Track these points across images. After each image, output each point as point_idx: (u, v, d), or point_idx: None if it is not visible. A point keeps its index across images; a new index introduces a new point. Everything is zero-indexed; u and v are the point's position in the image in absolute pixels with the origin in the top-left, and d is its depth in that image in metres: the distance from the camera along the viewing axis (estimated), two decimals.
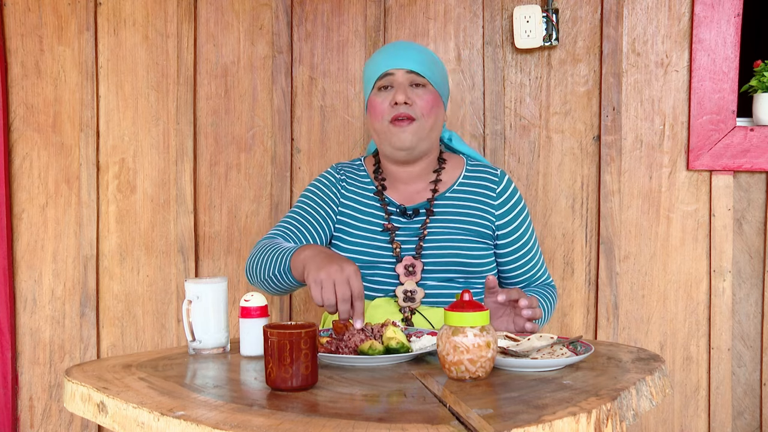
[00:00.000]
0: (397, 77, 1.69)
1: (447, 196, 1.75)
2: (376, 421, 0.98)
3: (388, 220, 1.73)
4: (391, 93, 1.69)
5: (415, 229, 1.72)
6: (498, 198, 1.75)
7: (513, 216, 1.76)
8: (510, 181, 1.78)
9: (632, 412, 1.10)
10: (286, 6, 2.35)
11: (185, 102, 2.39)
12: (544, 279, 1.85)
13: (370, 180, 1.81)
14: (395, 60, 1.70)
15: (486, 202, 1.75)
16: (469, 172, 1.79)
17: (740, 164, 2.20)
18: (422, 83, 1.70)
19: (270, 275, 1.60)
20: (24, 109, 2.44)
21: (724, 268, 2.22)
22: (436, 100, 1.71)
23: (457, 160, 1.83)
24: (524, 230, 1.78)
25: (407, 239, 1.71)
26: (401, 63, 1.69)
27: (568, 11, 2.26)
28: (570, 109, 2.28)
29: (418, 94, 1.69)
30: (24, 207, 2.45)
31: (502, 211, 1.75)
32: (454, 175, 1.79)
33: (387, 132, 1.70)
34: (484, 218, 1.74)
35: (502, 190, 1.76)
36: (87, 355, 2.43)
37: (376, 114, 1.72)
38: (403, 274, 1.68)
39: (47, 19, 2.43)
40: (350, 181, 1.82)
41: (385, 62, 1.71)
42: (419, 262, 1.68)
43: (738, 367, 2.25)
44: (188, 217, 2.40)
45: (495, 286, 1.52)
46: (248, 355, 1.41)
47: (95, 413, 1.18)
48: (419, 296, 1.67)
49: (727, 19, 2.19)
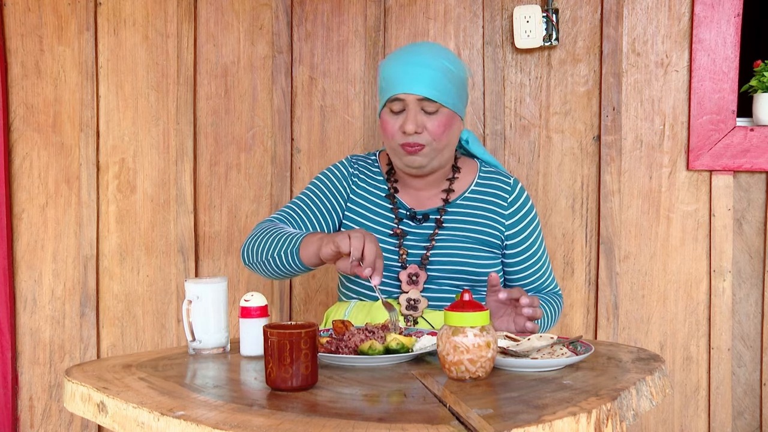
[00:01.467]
0: (408, 103, 1.64)
1: (458, 204, 1.75)
2: (376, 421, 0.98)
3: (398, 224, 1.73)
4: (402, 117, 1.65)
5: (424, 236, 1.71)
6: (509, 207, 1.75)
7: (523, 226, 1.76)
8: (522, 190, 1.77)
9: (632, 412, 1.10)
10: (286, 6, 2.35)
11: (185, 102, 2.39)
12: (552, 288, 1.85)
13: (383, 179, 1.80)
14: (408, 83, 1.64)
15: (497, 212, 1.74)
16: (482, 179, 1.78)
17: (740, 164, 2.20)
18: (434, 110, 1.64)
19: (271, 256, 1.61)
20: (24, 109, 2.44)
21: (724, 268, 2.22)
22: (449, 121, 1.67)
23: (471, 166, 1.81)
24: (534, 240, 1.77)
25: (415, 245, 1.71)
26: (413, 87, 1.63)
27: (568, 11, 2.26)
28: (570, 109, 2.28)
29: (430, 119, 1.65)
30: (24, 207, 2.45)
31: (512, 221, 1.74)
32: (466, 181, 1.78)
33: (398, 152, 1.69)
34: (494, 227, 1.73)
35: (514, 200, 1.75)
36: (87, 355, 2.43)
37: (386, 133, 1.69)
38: (405, 282, 1.68)
39: (47, 19, 2.43)
40: (363, 177, 1.81)
41: (398, 83, 1.65)
42: (423, 273, 1.68)
43: (738, 367, 2.25)
44: (188, 217, 2.40)
45: (497, 284, 1.51)
46: (248, 355, 1.41)
47: (95, 413, 1.18)
48: (422, 306, 1.67)
49: (727, 19, 2.19)
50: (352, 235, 1.44)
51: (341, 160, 1.84)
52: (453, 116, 1.68)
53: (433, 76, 1.64)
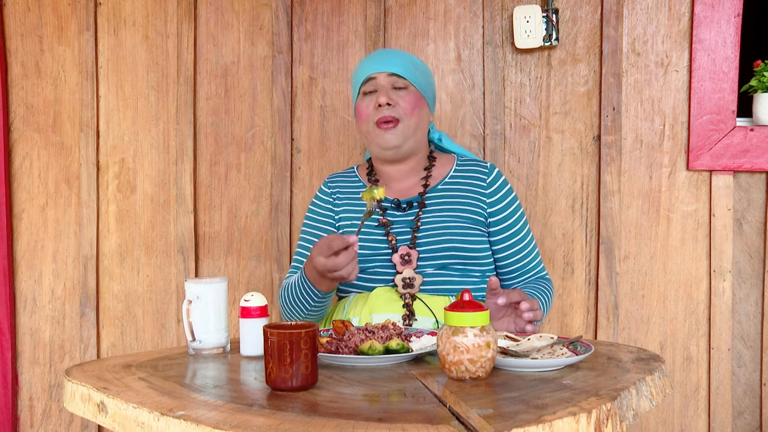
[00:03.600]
0: (379, 80, 1.78)
1: (439, 189, 1.81)
2: (376, 421, 0.98)
3: (383, 215, 1.78)
4: (375, 97, 1.78)
5: (410, 221, 1.77)
6: (489, 187, 1.80)
7: (504, 205, 1.80)
8: (500, 173, 1.84)
9: (632, 412, 1.10)
10: (286, 6, 2.35)
11: (185, 102, 2.39)
12: (539, 270, 1.87)
13: (363, 184, 1.88)
14: (377, 65, 1.80)
15: (477, 191, 1.80)
16: (460, 166, 1.86)
17: (740, 164, 2.20)
18: (404, 85, 1.78)
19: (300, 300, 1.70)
20: (24, 109, 2.44)
21: (724, 268, 2.22)
22: (418, 100, 1.79)
23: (448, 158, 1.90)
24: (516, 219, 1.82)
25: (402, 230, 1.76)
26: (382, 67, 1.79)
27: (568, 11, 2.26)
28: (570, 109, 2.28)
29: (401, 95, 1.77)
30: (24, 207, 2.45)
31: (493, 200, 1.80)
32: (444, 170, 1.85)
33: (373, 134, 1.78)
34: (477, 206, 1.78)
35: (493, 181, 1.81)
36: (87, 355, 2.43)
37: (362, 117, 1.81)
38: (399, 263, 1.72)
39: (47, 19, 2.43)
40: (343, 190, 1.88)
41: (368, 68, 1.81)
42: (414, 251, 1.72)
43: (738, 367, 2.25)
44: (188, 217, 2.40)
45: (497, 288, 1.52)
46: (248, 355, 1.41)
47: (95, 413, 1.18)
48: (418, 282, 1.70)
49: (727, 19, 2.19)
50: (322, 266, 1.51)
51: (320, 187, 1.94)
52: (421, 98, 1.81)
53: (401, 61, 1.81)
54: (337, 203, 1.87)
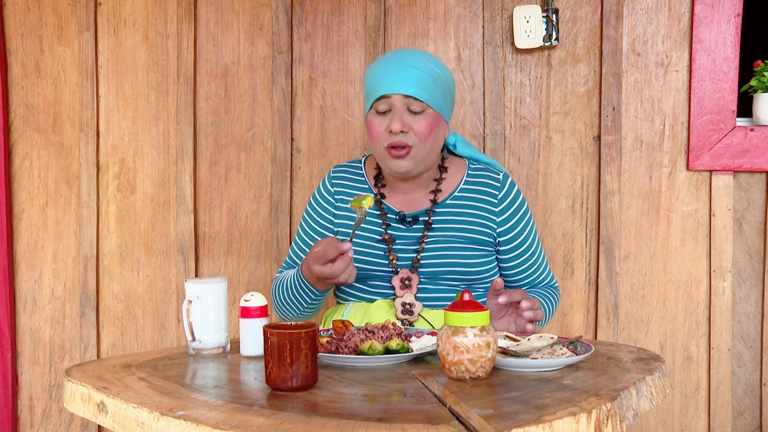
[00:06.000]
0: (394, 102, 1.64)
1: (447, 204, 1.73)
2: (376, 421, 0.98)
3: (386, 229, 1.72)
4: (388, 118, 1.64)
5: (413, 239, 1.71)
6: (500, 204, 1.73)
7: (515, 222, 1.74)
8: (513, 185, 1.76)
9: (632, 412, 1.10)
10: (286, 6, 2.35)
11: (185, 102, 2.39)
12: (548, 281, 1.84)
13: (369, 187, 1.79)
14: (393, 83, 1.64)
15: (487, 209, 1.73)
16: (471, 177, 1.77)
17: (740, 164, 2.20)
18: (420, 109, 1.64)
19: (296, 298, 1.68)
20: (24, 109, 2.44)
21: (724, 268, 2.22)
22: (434, 122, 1.66)
23: (459, 164, 1.80)
24: (527, 235, 1.76)
25: (405, 248, 1.71)
26: (399, 87, 1.63)
27: (568, 11, 2.26)
28: (570, 109, 2.28)
29: (416, 119, 1.64)
30: (24, 207, 2.45)
31: (503, 217, 1.73)
32: (455, 181, 1.76)
33: (384, 157, 1.67)
34: (485, 225, 1.72)
35: (504, 196, 1.74)
36: (87, 355, 2.43)
37: (373, 136, 1.68)
38: (398, 287, 1.68)
39: (47, 19, 2.43)
40: (346, 190, 1.80)
41: (384, 83, 1.65)
42: (416, 276, 1.67)
43: (738, 367, 2.25)
44: (188, 217, 2.40)
45: (500, 289, 1.51)
46: (248, 355, 1.41)
47: (95, 413, 1.18)
48: (417, 310, 1.66)
49: (727, 19, 2.19)
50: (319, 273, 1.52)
51: (323, 179, 1.84)
52: (439, 119, 1.67)
53: (419, 77, 1.63)
54: (339, 206, 1.80)
